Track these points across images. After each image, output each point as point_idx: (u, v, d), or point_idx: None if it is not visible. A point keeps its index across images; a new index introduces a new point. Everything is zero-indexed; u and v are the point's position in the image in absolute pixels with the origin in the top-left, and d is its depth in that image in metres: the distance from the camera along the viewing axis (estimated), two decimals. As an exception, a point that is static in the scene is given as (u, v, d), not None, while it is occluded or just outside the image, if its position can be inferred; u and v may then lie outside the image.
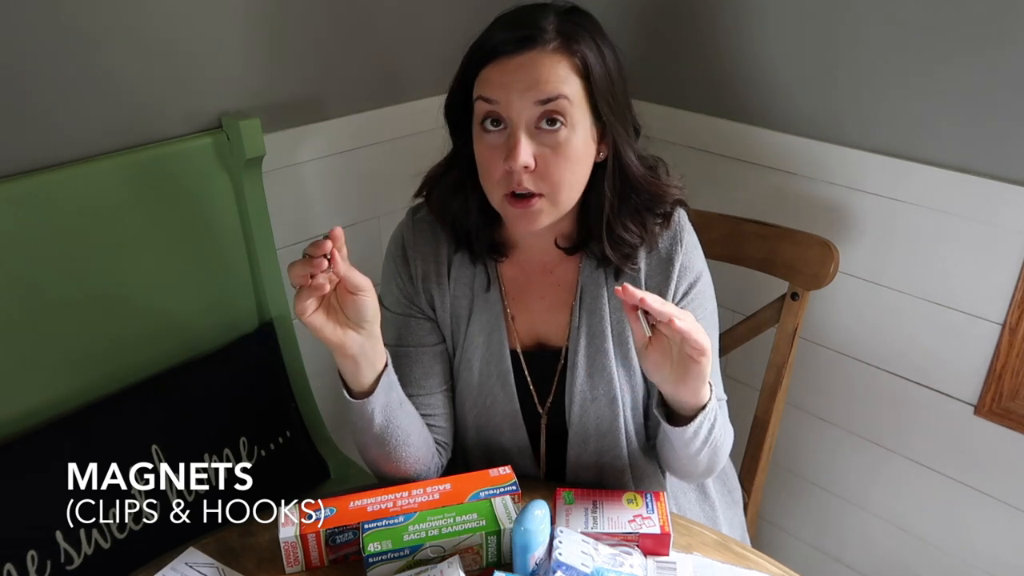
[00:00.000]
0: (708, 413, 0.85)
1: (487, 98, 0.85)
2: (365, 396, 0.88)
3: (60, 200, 1.05)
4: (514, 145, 0.83)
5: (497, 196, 0.88)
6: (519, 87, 0.83)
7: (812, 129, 1.33)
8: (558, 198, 0.87)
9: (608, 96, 0.87)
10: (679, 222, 0.97)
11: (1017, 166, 1.13)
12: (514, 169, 0.84)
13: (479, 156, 0.88)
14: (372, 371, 0.88)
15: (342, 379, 0.89)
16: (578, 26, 0.86)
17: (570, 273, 0.99)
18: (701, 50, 1.43)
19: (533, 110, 0.83)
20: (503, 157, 0.85)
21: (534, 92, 0.83)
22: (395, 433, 0.92)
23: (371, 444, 0.93)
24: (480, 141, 0.88)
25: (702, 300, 0.98)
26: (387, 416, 0.90)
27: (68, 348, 1.08)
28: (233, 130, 1.17)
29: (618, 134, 0.89)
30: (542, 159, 0.85)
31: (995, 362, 1.22)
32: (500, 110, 0.84)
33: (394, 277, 1.01)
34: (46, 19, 1.01)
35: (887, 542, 1.48)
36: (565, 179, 0.86)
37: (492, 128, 0.86)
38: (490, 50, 0.84)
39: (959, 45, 1.14)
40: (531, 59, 0.83)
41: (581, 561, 0.80)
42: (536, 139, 0.84)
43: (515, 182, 0.85)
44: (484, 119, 0.86)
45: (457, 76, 0.90)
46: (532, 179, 0.85)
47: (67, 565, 0.99)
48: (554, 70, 0.83)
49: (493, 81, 0.84)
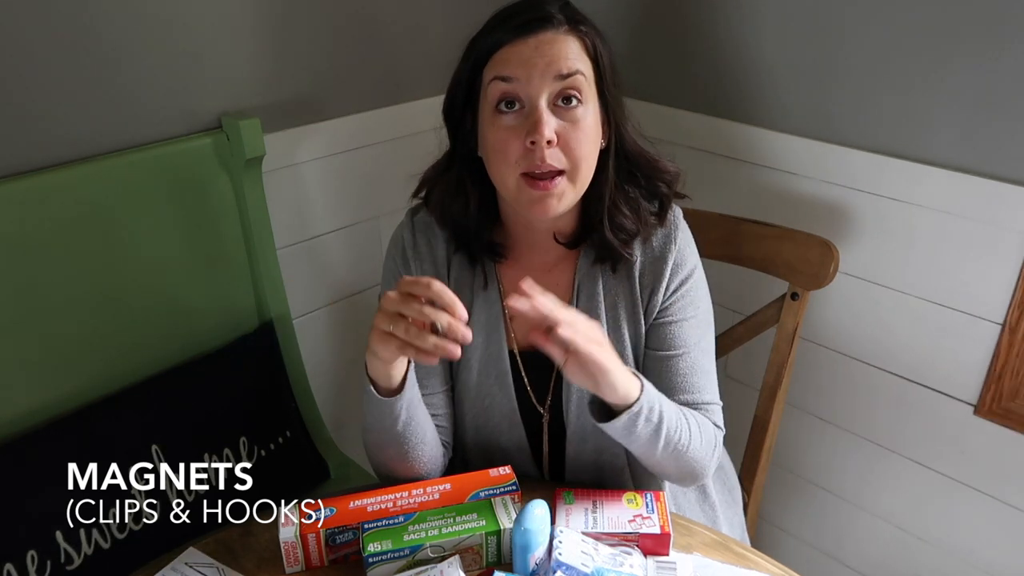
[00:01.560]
0: (637, 411, 0.83)
1: (505, 77, 0.85)
2: (395, 393, 0.87)
3: (60, 200, 1.05)
4: (537, 120, 0.84)
5: (513, 178, 0.88)
6: (541, 63, 0.84)
7: (812, 129, 1.33)
8: (578, 175, 0.88)
9: (611, 80, 0.90)
10: (674, 220, 0.98)
11: (1017, 166, 1.13)
12: (538, 144, 0.84)
13: (493, 139, 0.88)
14: (402, 366, 0.87)
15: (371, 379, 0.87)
16: (581, 15, 0.90)
17: (568, 272, 1.00)
18: (701, 50, 1.43)
19: (553, 86, 0.85)
20: (522, 135, 0.85)
21: (554, 67, 0.84)
22: (415, 431, 0.92)
23: (390, 443, 0.92)
24: (495, 124, 0.87)
25: (693, 297, 0.98)
26: (411, 413, 0.90)
27: (68, 348, 1.08)
28: (233, 130, 1.17)
29: (620, 116, 0.92)
30: (563, 134, 0.86)
31: (995, 362, 1.22)
32: (519, 89, 0.85)
33: (394, 277, 1.02)
34: (46, 19, 1.01)
35: (887, 542, 1.48)
36: (585, 154, 0.87)
37: (507, 110, 0.87)
38: (502, 34, 0.86)
39: (960, 45, 1.14)
40: (548, 38, 0.85)
41: (581, 561, 0.80)
42: (555, 115, 0.86)
43: (538, 158, 0.85)
44: (500, 101, 0.86)
45: (462, 67, 0.91)
46: (555, 154, 0.86)
47: (67, 565, 0.99)
48: (570, 48, 0.86)
49: (512, 60, 0.86)
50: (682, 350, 0.97)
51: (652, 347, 0.98)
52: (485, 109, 0.89)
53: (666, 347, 0.97)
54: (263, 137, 1.19)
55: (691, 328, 0.97)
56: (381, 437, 0.92)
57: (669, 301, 0.97)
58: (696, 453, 0.92)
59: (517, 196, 0.89)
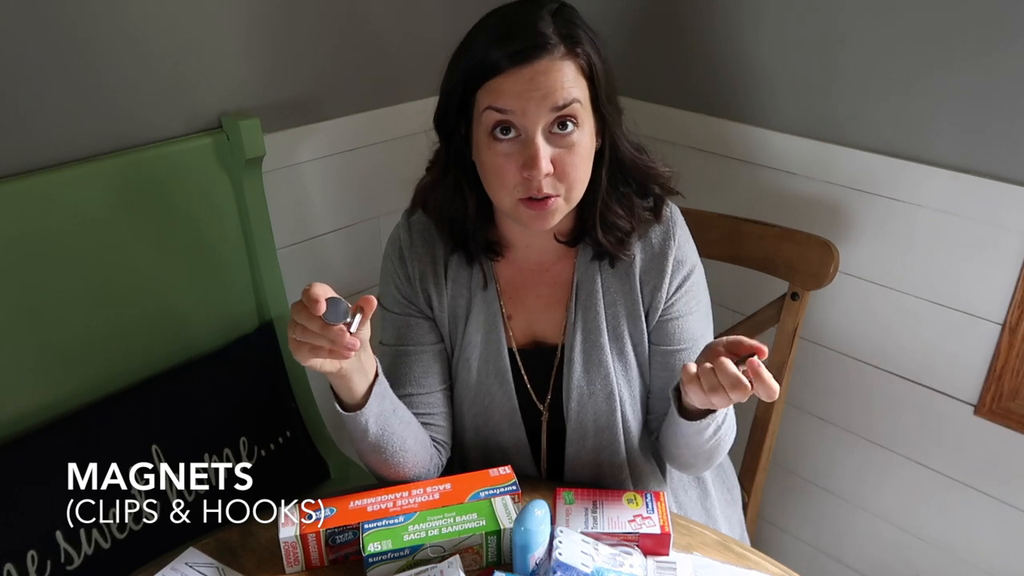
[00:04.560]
0: (719, 414, 0.88)
1: (500, 108, 0.84)
2: (358, 408, 0.88)
3: (60, 200, 1.05)
4: (534, 154, 0.83)
5: (510, 201, 0.88)
6: (536, 96, 0.82)
7: (812, 129, 1.33)
8: (572, 195, 0.88)
9: (607, 90, 0.89)
10: (671, 217, 0.98)
11: (1017, 166, 1.13)
12: (535, 178, 0.84)
13: (489, 163, 0.87)
14: (364, 381, 0.87)
15: (334, 393, 0.89)
16: (575, 26, 0.86)
17: (566, 270, 1.00)
18: (701, 49, 1.43)
19: (548, 116, 0.84)
20: (518, 164, 0.84)
21: (550, 100, 0.83)
22: (391, 440, 0.92)
23: (368, 452, 0.93)
24: (490, 149, 0.86)
25: (696, 292, 1.00)
26: (381, 425, 0.90)
27: (68, 349, 1.08)
28: (233, 130, 1.17)
29: (614, 123, 0.91)
30: (558, 161, 0.85)
31: (995, 362, 1.22)
32: (515, 119, 0.84)
33: (392, 278, 1.02)
34: (46, 20, 1.01)
35: (887, 542, 1.48)
36: (579, 177, 0.88)
37: (503, 136, 0.85)
38: (494, 63, 0.83)
39: (960, 45, 1.14)
40: (543, 68, 0.83)
41: (581, 561, 0.80)
42: (550, 143, 0.85)
43: (535, 188, 0.85)
44: (495, 128, 0.85)
45: (451, 88, 0.88)
46: (551, 182, 0.86)
47: (67, 565, 0.99)
48: (564, 75, 0.84)
49: (506, 92, 0.83)
50: (688, 344, 0.98)
51: (658, 343, 0.99)
52: (480, 130, 0.87)
53: (673, 343, 0.98)
54: (263, 137, 1.19)
55: (695, 322, 0.99)
56: (358, 446, 0.93)
57: (673, 299, 0.97)
58: (729, 442, 0.97)
59: (515, 215, 0.89)
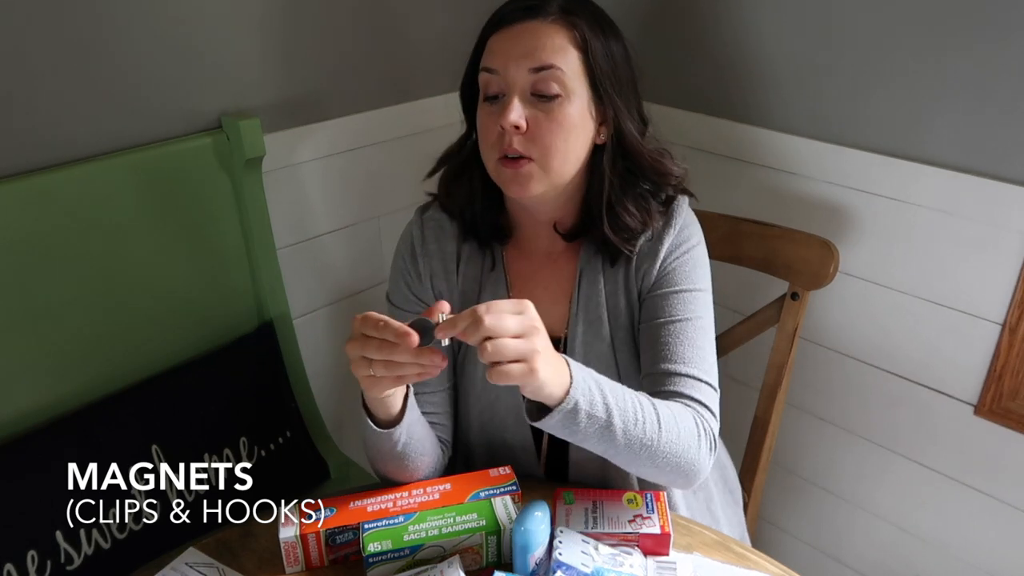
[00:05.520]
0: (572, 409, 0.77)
1: (489, 68, 0.89)
2: (396, 423, 0.87)
3: (60, 200, 1.05)
4: (505, 104, 0.87)
5: (492, 161, 0.91)
6: (515, 54, 0.86)
7: (812, 129, 1.33)
8: (548, 163, 0.89)
9: (609, 74, 0.90)
10: (678, 207, 0.98)
11: (1017, 166, 1.13)
12: (504, 128, 0.86)
13: (479, 125, 0.92)
14: (401, 393, 0.87)
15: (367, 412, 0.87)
16: (581, 4, 0.90)
17: (572, 262, 1.01)
18: (700, 50, 1.43)
19: (527, 77, 0.87)
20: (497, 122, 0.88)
21: (528, 60, 0.86)
22: (415, 448, 0.92)
23: (389, 460, 0.92)
24: (481, 111, 0.91)
25: (687, 272, 0.95)
26: (410, 434, 0.90)
27: (68, 348, 1.08)
28: (233, 130, 1.17)
29: (620, 112, 0.91)
30: (534, 122, 0.87)
31: (995, 362, 1.22)
32: (499, 80, 0.88)
33: (403, 274, 1.03)
34: (45, 19, 1.01)
35: (887, 542, 1.48)
36: (556, 145, 0.88)
37: (492, 99, 0.90)
38: (497, 20, 0.89)
39: (959, 44, 1.14)
40: (529, 28, 0.87)
41: (581, 561, 0.80)
42: (531, 105, 0.88)
43: (506, 143, 0.87)
44: (487, 91, 0.90)
45: (473, 52, 0.94)
46: (523, 141, 0.88)
47: (67, 565, 0.99)
48: (550, 39, 0.87)
49: (495, 51, 0.89)
50: (667, 318, 0.93)
51: (643, 320, 0.97)
52: (480, 98, 0.92)
53: (653, 316, 0.94)
54: (263, 137, 1.19)
55: (682, 301, 0.94)
56: (379, 456, 0.92)
57: (663, 273, 0.95)
58: (673, 447, 0.83)
59: (496, 176, 0.92)
